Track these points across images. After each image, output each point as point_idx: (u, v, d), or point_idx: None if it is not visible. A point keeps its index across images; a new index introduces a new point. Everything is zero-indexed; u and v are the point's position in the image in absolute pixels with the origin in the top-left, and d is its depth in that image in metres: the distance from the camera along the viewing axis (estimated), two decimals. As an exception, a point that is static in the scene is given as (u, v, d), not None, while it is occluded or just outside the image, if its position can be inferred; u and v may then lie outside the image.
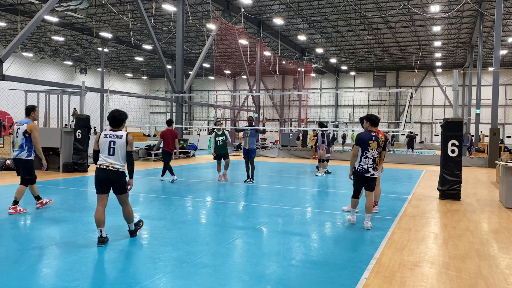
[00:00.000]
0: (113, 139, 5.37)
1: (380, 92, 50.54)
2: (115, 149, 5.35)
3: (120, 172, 5.39)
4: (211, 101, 58.16)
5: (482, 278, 4.50)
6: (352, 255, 5.14)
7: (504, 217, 7.79)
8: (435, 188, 10.82)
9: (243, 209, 8.07)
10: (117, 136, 5.38)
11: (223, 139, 11.76)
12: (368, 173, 6.57)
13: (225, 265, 4.67)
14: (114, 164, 5.33)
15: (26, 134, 7.01)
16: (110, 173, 5.33)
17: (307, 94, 44.43)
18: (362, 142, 6.60)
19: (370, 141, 6.57)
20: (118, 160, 5.36)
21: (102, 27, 35.60)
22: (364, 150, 6.57)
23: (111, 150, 5.34)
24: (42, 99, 15.23)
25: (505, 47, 36.83)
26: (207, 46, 25.37)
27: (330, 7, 29.14)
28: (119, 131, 5.46)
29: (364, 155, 6.57)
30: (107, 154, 5.35)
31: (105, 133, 5.43)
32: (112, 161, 5.33)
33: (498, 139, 19.06)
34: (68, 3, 23.59)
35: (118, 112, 5.50)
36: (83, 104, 14.45)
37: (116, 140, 5.36)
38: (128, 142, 5.39)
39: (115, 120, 5.46)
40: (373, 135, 6.61)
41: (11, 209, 6.98)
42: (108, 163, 5.33)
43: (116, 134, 5.40)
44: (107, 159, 5.34)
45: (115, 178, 5.36)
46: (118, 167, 5.35)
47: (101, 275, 4.30)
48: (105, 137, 5.39)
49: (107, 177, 5.34)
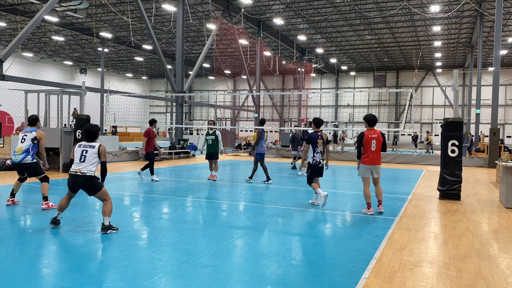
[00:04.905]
0: (86, 148, 5.96)
1: (380, 92, 50.54)
2: (86, 157, 5.90)
3: (87, 176, 5.85)
4: (211, 101, 58.17)
5: (482, 278, 4.50)
6: (352, 255, 5.14)
7: (504, 217, 7.79)
8: (435, 188, 10.82)
9: (243, 209, 8.07)
10: (90, 146, 5.98)
11: (212, 138, 11.80)
12: (320, 164, 8.06)
13: (225, 265, 4.67)
14: (81, 169, 5.85)
15: (35, 140, 7.51)
16: (77, 178, 5.86)
17: (307, 94, 44.40)
18: (312, 141, 7.95)
19: (318, 139, 8.00)
20: (87, 166, 5.87)
21: (102, 27, 35.59)
22: (315, 147, 7.95)
23: (82, 157, 5.90)
24: (42, 99, 15.24)
25: (505, 47, 36.81)
26: (207, 46, 25.36)
27: (330, 7, 29.13)
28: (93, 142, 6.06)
29: (316, 151, 7.98)
30: (78, 161, 5.90)
31: (80, 143, 6.05)
32: (81, 167, 5.86)
33: (498, 139, 19.06)
34: (68, 3, 23.56)
35: (92, 127, 6.09)
36: (83, 104, 14.45)
37: (88, 149, 5.95)
38: (100, 153, 5.95)
39: (90, 134, 6.06)
40: (319, 135, 8.06)
41: (43, 205, 7.45)
42: (77, 169, 5.87)
43: (89, 145, 6.00)
44: (77, 166, 5.89)
45: (82, 182, 5.87)
46: (85, 171, 5.85)
47: (101, 275, 4.30)
48: (79, 147, 6.00)
49: (75, 182, 5.89)
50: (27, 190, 9.58)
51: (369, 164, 7.52)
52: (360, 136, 7.54)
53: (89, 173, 5.87)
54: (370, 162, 7.52)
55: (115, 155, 18.13)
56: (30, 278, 4.16)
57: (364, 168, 7.58)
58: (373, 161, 7.53)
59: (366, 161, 7.52)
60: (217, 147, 11.87)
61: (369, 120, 7.55)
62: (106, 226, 5.91)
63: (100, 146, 5.99)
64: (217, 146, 11.85)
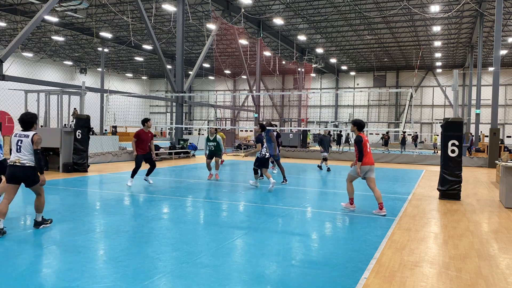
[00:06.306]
0: (21, 138, 5.90)
1: (380, 92, 50.53)
2: (21, 147, 5.87)
3: (27, 167, 5.83)
4: (211, 101, 58.17)
5: (482, 278, 4.50)
6: (352, 255, 5.14)
7: (504, 217, 7.79)
8: (435, 188, 10.82)
9: (243, 209, 8.07)
10: (24, 136, 5.90)
11: (214, 145, 11.79)
12: (266, 156, 10.42)
13: (225, 265, 4.67)
14: (21, 160, 5.83)
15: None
16: (17, 168, 5.82)
17: (307, 94, 44.39)
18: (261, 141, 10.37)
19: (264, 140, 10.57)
20: (25, 156, 5.84)
21: (102, 27, 35.59)
22: (263, 145, 10.38)
23: (18, 147, 5.88)
24: (42, 99, 15.24)
25: (505, 47, 36.82)
26: (207, 46, 25.36)
27: (330, 7, 29.14)
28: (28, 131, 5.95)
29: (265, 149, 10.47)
30: (15, 151, 5.88)
31: (16, 133, 5.99)
32: (20, 158, 5.84)
33: (498, 139, 19.07)
34: (68, 3, 23.56)
35: (27, 115, 6.01)
36: (83, 104, 14.45)
37: (23, 139, 5.88)
38: (33, 141, 5.86)
39: (24, 123, 5.96)
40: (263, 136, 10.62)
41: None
42: (16, 159, 5.84)
43: (24, 134, 5.92)
44: (14, 156, 5.87)
45: (21, 173, 5.82)
46: (24, 162, 5.82)
47: (101, 275, 4.30)
48: (14, 136, 5.95)
49: (14, 172, 5.83)
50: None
51: (369, 164, 7.77)
52: (359, 139, 7.82)
53: (29, 163, 5.84)
54: (370, 163, 7.80)
55: (115, 155, 18.12)
56: (30, 278, 4.16)
57: (363, 169, 7.76)
58: (372, 161, 7.87)
59: (367, 162, 7.76)
60: (220, 152, 11.96)
61: (360, 125, 7.99)
62: (39, 222, 6.10)
63: (34, 135, 5.88)
64: (219, 151, 11.96)
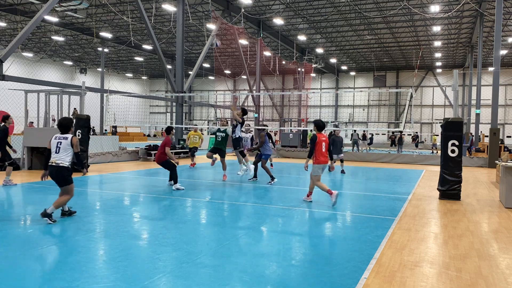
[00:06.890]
0: (60, 140, 6.43)
1: (380, 92, 50.52)
2: (60, 148, 6.36)
3: (60, 167, 6.29)
4: (211, 101, 58.15)
5: (482, 278, 4.50)
6: (352, 255, 5.14)
7: (504, 217, 7.79)
8: (435, 188, 10.81)
9: (243, 209, 8.07)
10: (63, 138, 6.44)
11: (222, 136, 11.71)
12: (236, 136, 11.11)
13: (225, 265, 4.67)
14: (56, 160, 6.30)
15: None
16: (52, 168, 6.30)
17: (307, 94, 44.39)
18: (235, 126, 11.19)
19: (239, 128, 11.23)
20: (61, 157, 6.32)
21: (102, 27, 35.59)
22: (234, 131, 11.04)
23: (57, 149, 6.36)
24: (42, 99, 15.24)
25: (505, 47, 36.81)
26: (207, 46, 25.35)
27: (330, 7, 29.13)
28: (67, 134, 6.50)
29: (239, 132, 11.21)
30: (54, 153, 6.36)
31: (55, 136, 6.49)
32: (55, 158, 6.31)
33: (498, 139, 19.07)
34: (68, 3, 23.56)
35: (65, 120, 6.55)
36: (83, 104, 14.45)
37: (62, 141, 6.41)
38: (73, 144, 6.39)
39: (63, 127, 6.50)
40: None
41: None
42: (53, 160, 6.32)
43: (63, 136, 6.45)
44: (53, 157, 6.35)
45: (55, 173, 6.30)
46: (58, 162, 6.29)
47: (101, 275, 4.30)
48: (54, 139, 6.46)
49: (51, 172, 6.33)
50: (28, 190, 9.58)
51: (324, 163, 8.35)
52: (314, 138, 8.30)
53: (62, 164, 6.28)
54: (324, 162, 8.36)
55: (115, 155, 18.12)
56: (30, 278, 4.16)
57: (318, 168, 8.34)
58: (326, 160, 8.44)
59: (321, 160, 8.32)
60: (225, 145, 11.81)
61: (319, 126, 8.47)
62: (47, 213, 6.22)
63: (72, 137, 6.41)
64: (225, 144, 11.79)
